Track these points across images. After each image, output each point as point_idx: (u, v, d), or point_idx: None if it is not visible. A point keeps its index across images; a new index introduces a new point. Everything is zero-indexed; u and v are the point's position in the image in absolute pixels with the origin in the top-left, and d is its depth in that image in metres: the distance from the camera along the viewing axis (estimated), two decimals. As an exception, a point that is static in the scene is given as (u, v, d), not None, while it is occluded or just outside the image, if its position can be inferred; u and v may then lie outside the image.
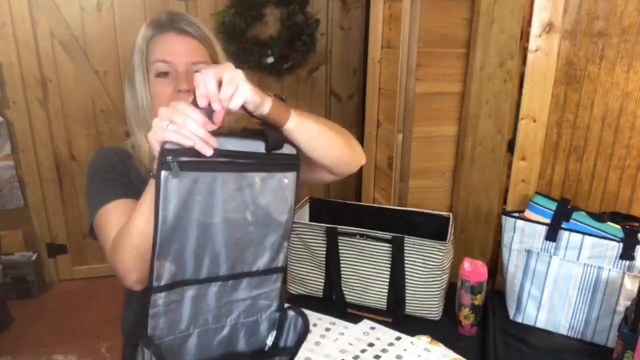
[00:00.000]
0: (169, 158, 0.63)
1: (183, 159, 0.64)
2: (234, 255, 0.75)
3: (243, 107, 0.69)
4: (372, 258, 1.22)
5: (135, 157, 0.96)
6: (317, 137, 0.82)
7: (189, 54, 0.91)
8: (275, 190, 0.74)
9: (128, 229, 0.74)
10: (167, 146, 0.64)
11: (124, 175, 0.92)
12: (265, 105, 0.72)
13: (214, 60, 0.96)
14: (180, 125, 0.63)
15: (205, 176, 0.67)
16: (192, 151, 0.64)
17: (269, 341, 0.83)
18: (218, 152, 0.67)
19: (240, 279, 0.77)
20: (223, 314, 0.78)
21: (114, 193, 0.87)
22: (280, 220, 0.76)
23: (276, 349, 0.83)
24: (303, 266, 1.30)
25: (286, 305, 0.84)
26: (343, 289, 1.27)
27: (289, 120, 0.76)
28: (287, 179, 0.75)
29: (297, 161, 0.76)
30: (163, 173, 0.63)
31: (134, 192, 0.78)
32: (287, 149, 0.75)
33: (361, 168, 1.00)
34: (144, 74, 0.91)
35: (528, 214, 1.21)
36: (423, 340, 1.13)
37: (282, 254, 0.79)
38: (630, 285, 1.08)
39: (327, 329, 1.17)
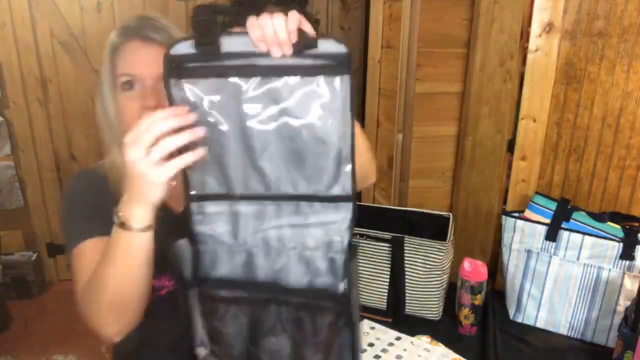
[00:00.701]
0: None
1: (188, 64, 0.61)
2: (276, 172, 0.66)
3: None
4: (372, 258, 1.22)
5: (110, 180, 0.87)
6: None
7: (154, 65, 0.79)
8: (314, 99, 0.61)
9: (101, 282, 0.69)
10: (172, 51, 0.61)
11: (101, 204, 0.82)
12: None
13: None
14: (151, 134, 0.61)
15: (212, 82, 0.61)
16: (197, 56, 0.61)
17: (339, 285, 0.71)
18: (228, 54, 0.60)
19: (288, 201, 0.68)
20: (271, 239, 0.70)
21: (89, 229, 0.81)
22: (327, 138, 0.63)
23: (345, 297, 0.69)
24: (303, 266, 1.30)
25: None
26: (343, 289, 1.27)
27: None
28: (332, 84, 0.60)
29: (347, 61, 0.59)
30: (172, 81, 0.61)
31: (111, 226, 0.70)
32: (327, 46, 0.59)
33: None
34: (112, 86, 0.84)
35: (528, 214, 1.21)
36: (423, 340, 1.13)
37: (342, 181, 0.66)
38: (630, 285, 1.08)
39: (327, 329, 1.17)
